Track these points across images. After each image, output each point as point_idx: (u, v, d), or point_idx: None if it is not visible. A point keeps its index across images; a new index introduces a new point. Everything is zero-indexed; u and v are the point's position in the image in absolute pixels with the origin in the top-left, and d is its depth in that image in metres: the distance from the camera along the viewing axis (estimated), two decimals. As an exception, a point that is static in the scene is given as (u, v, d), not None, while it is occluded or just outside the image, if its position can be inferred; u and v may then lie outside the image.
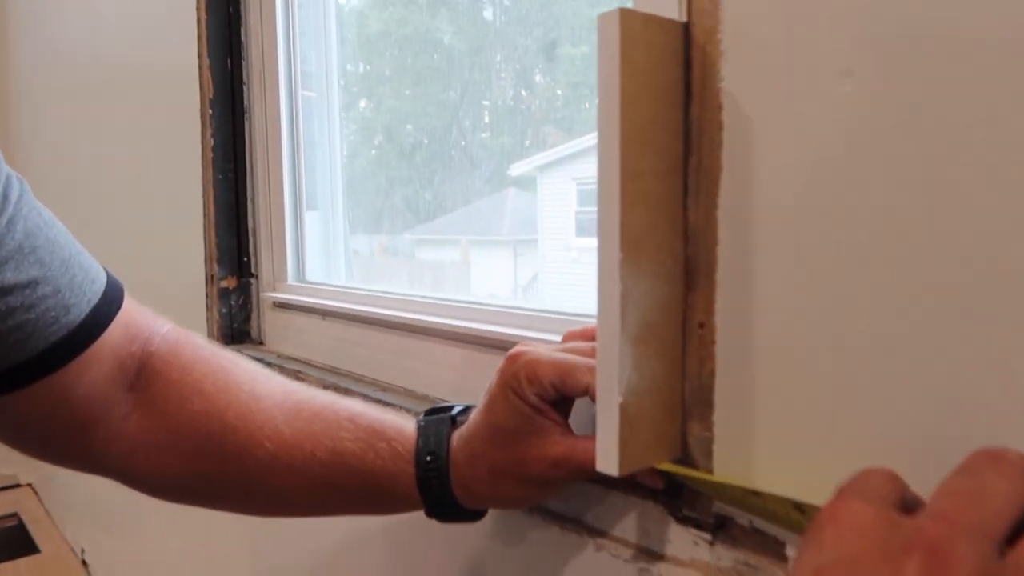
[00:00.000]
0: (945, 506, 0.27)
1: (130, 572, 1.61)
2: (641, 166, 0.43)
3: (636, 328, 0.44)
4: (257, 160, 1.08)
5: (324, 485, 0.56)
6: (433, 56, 1.00)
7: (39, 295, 0.50)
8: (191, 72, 1.09)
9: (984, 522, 0.26)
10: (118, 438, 0.57)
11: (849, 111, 0.39)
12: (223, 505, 0.62)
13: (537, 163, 0.88)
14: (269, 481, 0.57)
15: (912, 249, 0.37)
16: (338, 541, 0.88)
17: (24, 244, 0.50)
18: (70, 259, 0.53)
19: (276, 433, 0.56)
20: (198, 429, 0.56)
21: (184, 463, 0.57)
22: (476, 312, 0.75)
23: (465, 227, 0.99)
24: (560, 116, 0.87)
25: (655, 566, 0.52)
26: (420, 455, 0.54)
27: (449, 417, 0.56)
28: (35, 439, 0.58)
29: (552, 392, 0.49)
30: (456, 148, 0.96)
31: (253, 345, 1.09)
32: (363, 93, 1.13)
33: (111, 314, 0.55)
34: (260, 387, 0.59)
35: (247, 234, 1.09)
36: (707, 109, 0.45)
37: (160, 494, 0.61)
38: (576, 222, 0.89)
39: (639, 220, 0.43)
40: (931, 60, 0.36)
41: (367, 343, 0.88)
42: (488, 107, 0.94)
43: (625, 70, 0.41)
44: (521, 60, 0.89)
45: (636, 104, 0.42)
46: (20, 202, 0.51)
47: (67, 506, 2.05)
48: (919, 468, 0.38)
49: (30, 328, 0.50)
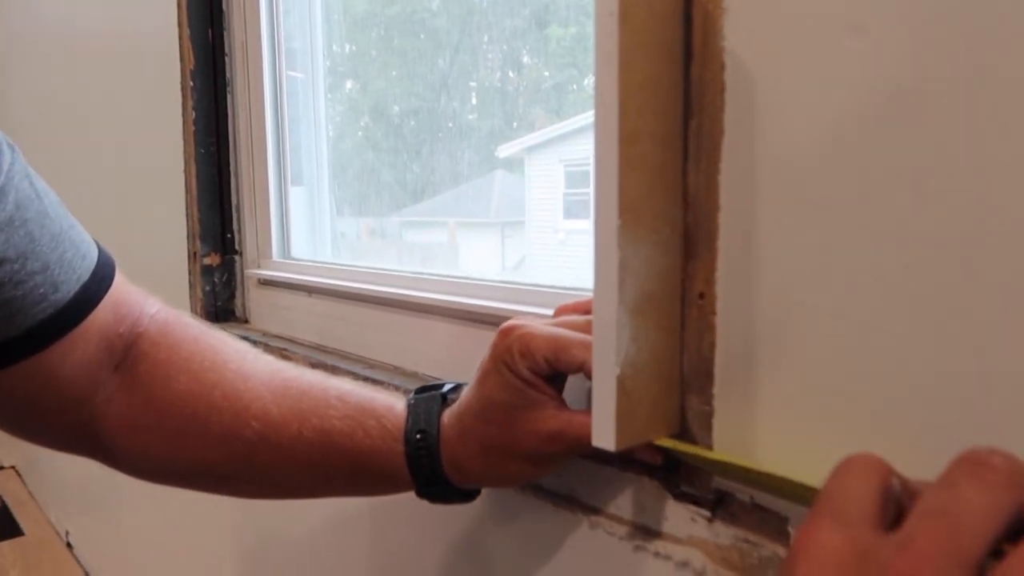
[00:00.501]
0: (917, 532, 0.25)
1: (115, 554, 1.60)
2: (640, 128, 0.41)
3: (634, 299, 0.43)
4: (240, 134, 1.05)
5: (312, 466, 0.54)
6: (419, 37, 0.98)
7: (28, 271, 0.49)
8: (171, 42, 1.06)
9: (958, 549, 0.24)
10: (103, 419, 0.56)
11: (861, 70, 0.37)
12: (210, 488, 0.60)
13: (525, 145, 0.87)
14: (257, 462, 0.55)
15: (923, 216, 0.36)
16: (325, 522, 0.87)
17: (15, 216, 0.48)
18: (61, 234, 0.51)
19: (264, 412, 0.54)
20: (183, 409, 0.55)
21: (169, 444, 0.56)
22: (465, 287, 0.73)
23: (452, 209, 0.99)
24: (548, 97, 0.86)
25: (651, 544, 0.50)
26: (410, 433, 0.52)
27: (440, 394, 0.54)
28: (19, 418, 0.57)
29: (545, 367, 0.48)
30: (443, 130, 0.95)
31: (237, 323, 1.07)
32: (349, 74, 1.11)
33: (100, 293, 0.54)
34: (248, 366, 0.57)
35: (231, 210, 1.07)
36: (709, 69, 0.43)
37: (146, 476, 0.59)
38: (564, 204, 0.89)
39: (637, 186, 0.41)
40: (953, 13, 0.34)
41: (354, 320, 0.86)
42: (475, 88, 0.93)
43: (624, 28, 0.39)
44: (508, 41, 0.88)
45: (635, 63, 0.40)
46: (12, 170, 0.49)
47: (51, 489, 2.03)
48: (922, 440, 0.37)
49: (17, 305, 0.49)
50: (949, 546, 0.25)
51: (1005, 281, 0.33)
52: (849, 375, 0.39)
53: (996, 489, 0.25)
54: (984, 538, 0.25)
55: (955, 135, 0.34)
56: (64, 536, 1.90)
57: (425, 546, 0.72)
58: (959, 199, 0.34)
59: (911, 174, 0.36)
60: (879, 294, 0.38)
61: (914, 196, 0.36)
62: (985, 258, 0.34)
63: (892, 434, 0.38)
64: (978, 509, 0.25)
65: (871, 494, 0.28)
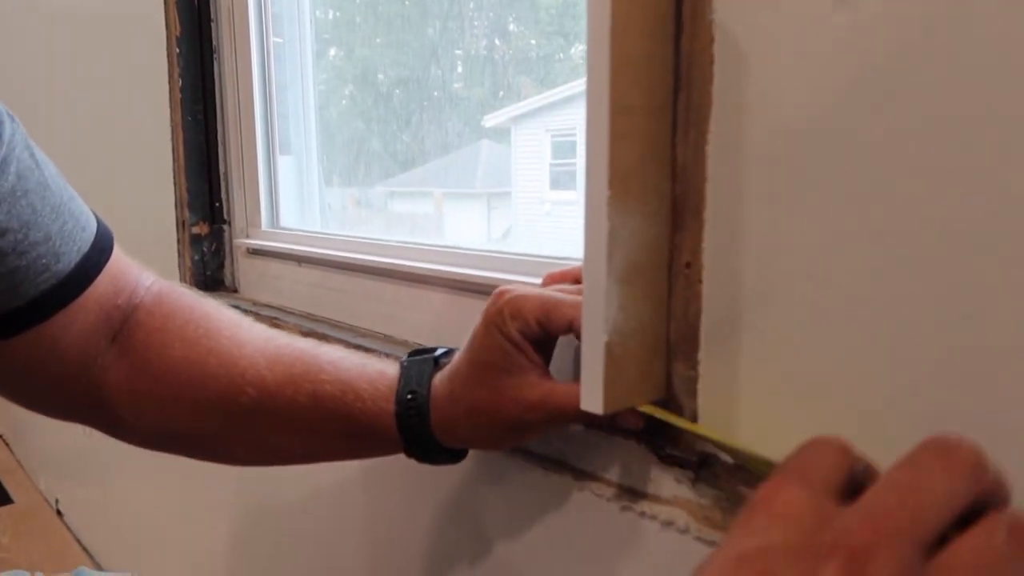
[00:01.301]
0: (876, 505, 0.26)
1: (106, 521, 1.61)
2: (631, 102, 0.42)
3: (622, 268, 0.44)
4: (228, 102, 1.05)
5: (306, 429, 0.56)
6: (404, 3, 0.97)
7: (30, 241, 0.50)
8: (157, 8, 1.05)
9: (914, 525, 0.25)
10: (101, 387, 0.57)
11: (847, 42, 0.38)
12: (208, 455, 0.62)
13: (511, 114, 0.86)
14: (253, 427, 0.56)
15: (908, 186, 0.37)
16: (317, 486, 0.88)
17: (16, 187, 0.49)
18: (61, 205, 0.52)
19: (258, 378, 0.55)
20: (179, 375, 0.56)
21: (167, 410, 0.57)
22: (454, 256, 0.74)
23: (438, 179, 0.98)
24: (535, 67, 0.85)
25: (638, 504, 0.52)
26: (401, 393, 0.53)
27: (432, 358, 0.55)
28: (21, 387, 0.58)
29: (536, 328, 0.49)
30: (429, 98, 0.95)
31: (227, 292, 1.08)
32: (333, 41, 1.10)
33: (100, 264, 0.55)
34: (243, 333, 0.58)
35: (219, 179, 1.07)
36: (698, 42, 0.44)
37: (144, 443, 0.61)
38: (550, 174, 0.89)
39: (628, 157, 0.42)
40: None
41: (344, 289, 0.87)
42: (461, 56, 0.92)
43: (616, 2, 0.40)
44: (495, 8, 0.88)
45: (627, 37, 0.41)
46: (13, 141, 0.50)
47: (40, 457, 2.03)
48: (900, 412, 0.38)
49: (21, 275, 0.50)
50: (907, 520, 0.25)
51: (997, 252, 0.35)
52: (832, 344, 0.41)
53: (959, 476, 0.26)
54: (939, 520, 0.26)
55: (938, 106, 0.35)
56: (54, 504, 1.91)
57: (417, 509, 0.73)
58: (943, 168, 0.36)
59: (895, 145, 0.37)
60: (864, 264, 0.39)
61: (898, 166, 0.37)
62: (972, 228, 0.35)
63: (870, 404, 0.40)
64: (939, 491, 0.26)
65: (837, 467, 0.29)
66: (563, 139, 0.87)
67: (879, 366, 0.39)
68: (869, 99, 0.38)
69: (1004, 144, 0.34)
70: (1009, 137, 0.33)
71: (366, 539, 0.81)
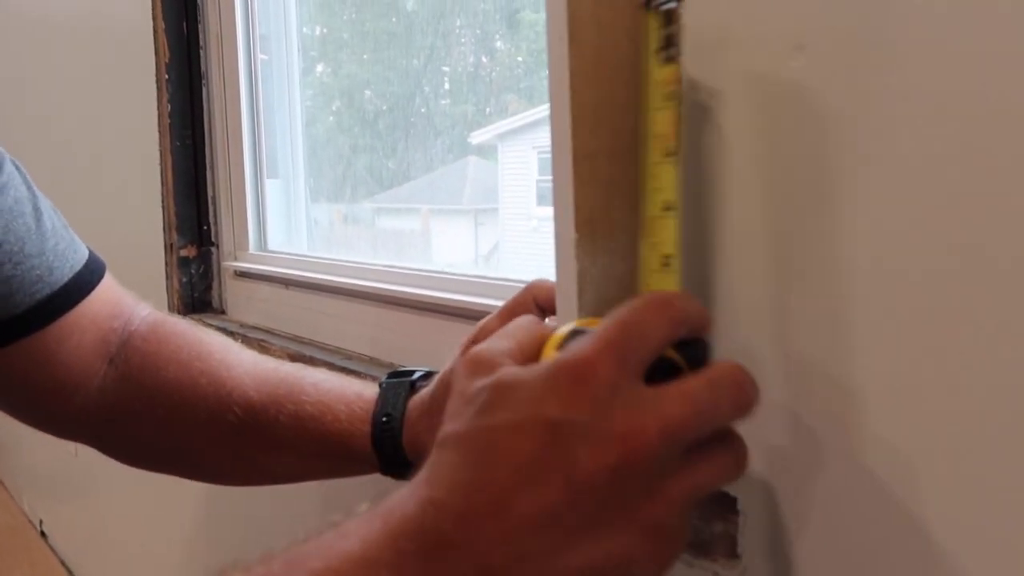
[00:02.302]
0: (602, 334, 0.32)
1: (90, 542, 1.61)
2: (594, 147, 0.43)
3: (594, 305, 0.45)
4: (216, 127, 1.06)
5: (288, 449, 0.58)
6: (392, 20, 0.98)
7: (25, 253, 0.54)
8: (146, 35, 1.07)
9: (629, 349, 0.32)
10: (96, 406, 0.59)
11: (802, 85, 0.40)
12: (198, 474, 0.64)
13: (498, 131, 0.88)
14: (240, 446, 0.59)
15: (866, 221, 0.38)
16: (298, 508, 0.89)
17: (14, 208, 0.54)
18: (53, 230, 0.56)
19: (245, 399, 0.57)
20: (171, 396, 0.58)
21: (159, 430, 0.59)
22: (438, 281, 0.75)
23: (425, 196, 0.99)
24: (521, 84, 0.86)
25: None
26: (377, 416, 0.56)
27: (409, 382, 0.57)
28: (18, 400, 0.60)
29: None
30: (416, 115, 0.96)
31: (214, 314, 1.09)
32: (320, 57, 1.11)
33: (92, 283, 0.58)
34: (232, 357, 0.60)
35: (207, 202, 1.08)
36: (665, 84, 0.45)
37: (137, 462, 0.63)
38: (537, 191, 0.90)
39: (593, 201, 0.44)
40: (882, 34, 0.36)
41: (331, 312, 0.88)
42: (448, 74, 0.93)
43: (574, 52, 0.41)
44: (482, 26, 0.89)
45: (587, 84, 0.42)
46: (12, 176, 0.55)
47: (23, 477, 2.03)
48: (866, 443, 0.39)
49: (16, 283, 0.53)
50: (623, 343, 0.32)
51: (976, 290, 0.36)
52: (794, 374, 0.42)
53: (668, 321, 0.33)
54: (650, 351, 0.33)
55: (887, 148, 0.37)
56: (38, 525, 1.90)
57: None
58: (904, 202, 0.37)
59: (849, 184, 0.38)
60: (823, 292, 0.40)
61: (856, 202, 0.38)
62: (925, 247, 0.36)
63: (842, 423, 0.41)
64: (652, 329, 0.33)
65: (656, 347, 0.33)
66: (550, 155, 0.88)
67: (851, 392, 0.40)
68: (817, 136, 0.39)
69: (963, 178, 0.35)
70: (970, 171, 0.35)
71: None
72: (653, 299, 0.35)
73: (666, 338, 0.33)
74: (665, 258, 0.38)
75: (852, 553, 0.39)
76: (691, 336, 0.35)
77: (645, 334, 0.33)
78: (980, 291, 0.34)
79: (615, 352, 0.32)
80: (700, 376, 0.33)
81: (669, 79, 0.38)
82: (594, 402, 0.31)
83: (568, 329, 0.37)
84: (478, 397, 0.33)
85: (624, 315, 0.33)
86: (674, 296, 0.36)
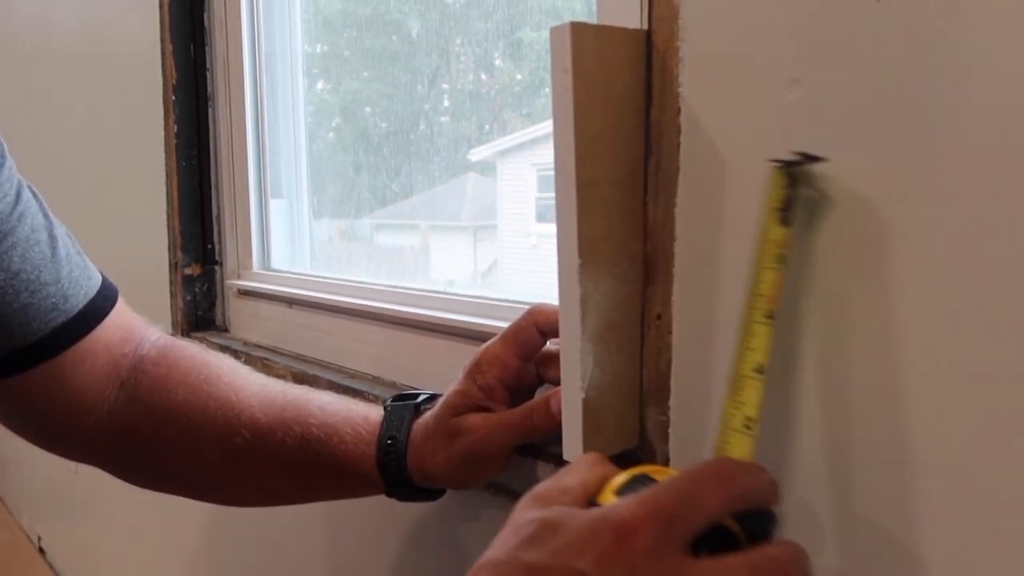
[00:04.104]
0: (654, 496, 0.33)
1: (88, 560, 1.61)
2: (597, 175, 0.45)
3: (596, 327, 0.46)
4: (221, 147, 1.07)
5: (295, 471, 0.59)
6: (392, 38, 0.99)
7: (42, 281, 0.55)
8: (153, 58, 1.08)
9: (678, 517, 0.32)
10: (106, 429, 0.60)
11: (797, 117, 0.41)
12: (207, 496, 0.65)
13: (497, 148, 0.88)
14: (247, 467, 0.60)
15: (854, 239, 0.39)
16: (296, 525, 0.89)
17: (31, 237, 0.55)
18: (68, 256, 0.57)
19: (252, 421, 0.59)
20: (180, 419, 0.60)
21: (167, 453, 0.60)
22: (441, 301, 0.76)
23: (425, 212, 1.00)
24: (520, 101, 0.87)
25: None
26: (382, 439, 0.57)
27: (413, 404, 0.59)
28: (28, 423, 0.61)
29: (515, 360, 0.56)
30: (415, 132, 0.96)
31: (218, 332, 1.09)
32: (321, 74, 1.12)
33: (106, 309, 0.59)
34: (240, 380, 0.62)
35: (211, 221, 1.09)
36: (666, 112, 0.47)
37: (144, 483, 0.64)
38: (536, 208, 0.90)
39: (596, 227, 0.45)
40: (877, 68, 0.38)
41: (333, 331, 0.89)
42: (448, 91, 0.94)
43: (578, 83, 0.43)
44: (481, 44, 0.89)
45: (590, 115, 0.44)
46: (30, 203, 0.56)
47: (22, 494, 2.03)
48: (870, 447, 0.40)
49: (32, 312, 0.54)
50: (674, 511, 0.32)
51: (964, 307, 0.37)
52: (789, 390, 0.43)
53: (726, 497, 0.33)
54: (699, 521, 0.32)
55: (883, 175, 0.38)
56: (36, 542, 1.90)
57: (401, 543, 0.75)
58: (893, 227, 0.38)
59: (844, 212, 0.40)
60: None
61: (846, 224, 0.40)
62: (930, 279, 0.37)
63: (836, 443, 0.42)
64: (708, 502, 0.33)
65: (700, 522, 0.33)
66: (548, 173, 0.87)
67: (837, 413, 0.41)
68: (819, 172, 0.40)
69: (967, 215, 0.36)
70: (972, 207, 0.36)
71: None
72: (717, 471, 0.34)
73: (720, 512, 0.33)
74: (748, 420, 0.38)
75: None
76: (755, 508, 0.34)
77: (698, 506, 0.32)
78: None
79: (663, 519, 0.31)
80: (746, 557, 0.32)
81: (782, 241, 0.39)
82: (628, 567, 0.31)
83: (631, 475, 0.37)
84: (524, 529, 0.33)
85: (683, 482, 0.33)
86: (740, 470, 0.34)
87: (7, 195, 0.54)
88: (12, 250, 0.53)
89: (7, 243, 0.53)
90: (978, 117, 0.35)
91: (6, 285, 0.53)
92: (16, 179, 0.55)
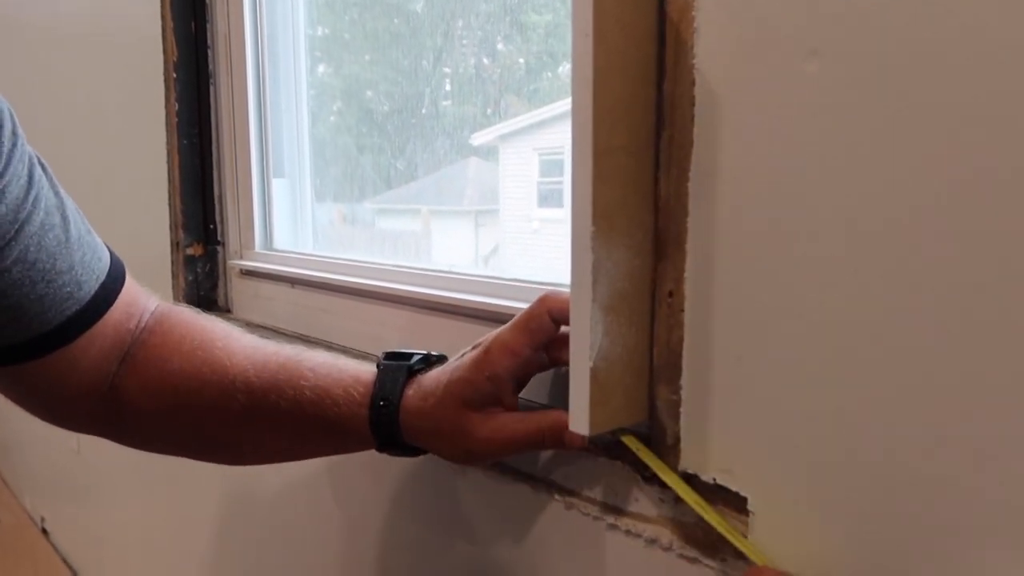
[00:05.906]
0: None
1: (92, 540, 1.61)
2: (613, 143, 0.44)
3: (607, 297, 0.46)
4: (223, 125, 1.07)
5: (291, 431, 0.61)
6: (393, 21, 0.99)
7: (57, 270, 0.54)
8: (155, 35, 1.07)
9: None
10: (110, 402, 0.61)
11: (815, 90, 0.41)
12: (206, 456, 0.67)
13: (499, 132, 0.88)
14: (244, 430, 0.61)
15: (875, 223, 0.39)
16: (306, 501, 0.89)
17: (45, 222, 0.54)
18: (80, 238, 0.57)
19: (247, 385, 0.60)
20: (176, 386, 0.61)
21: (168, 418, 0.62)
22: (444, 280, 0.76)
23: (426, 197, 0.99)
24: (522, 85, 0.86)
25: (623, 523, 0.54)
26: (375, 399, 0.58)
27: (406, 367, 0.59)
28: (45, 404, 0.63)
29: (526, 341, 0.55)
30: (417, 116, 0.96)
31: (220, 313, 1.09)
32: (323, 57, 1.12)
33: (116, 292, 0.60)
34: (234, 343, 0.63)
35: (213, 201, 1.09)
36: (680, 85, 0.46)
37: (145, 447, 0.66)
38: (538, 192, 0.90)
39: (611, 195, 0.45)
40: (896, 40, 0.38)
41: (336, 311, 0.89)
42: (449, 75, 0.93)
43: (598, 49, 0.42)
44: (483, 27, 0.89)
45: (609, 82, 0.43)
46: (41, 181, 0.55)
47: (25, 475, 2.03)
48: (874, 442, 0.40)
49: (48, 302, 0.54)
50: None
51: (960, 279, 0.37)
52: (808, 370, 0.43)
53: None
54: None
55: (901, 150, 0.38)
56: (39, 522, 1.90)
57: (404, 524, 0.75)
58: (905, 204, 0.38)
59: (861, 188, 0.40)
60: (838, 296, 0.41)
61: (864, 207, 0.40)
62: (945, 266, 0.37)
63: (846, 432, 0.42)
64: None
65: None
66: (551, 157, 0.88)
67: (853, 396, 0.41)
68: (837, 144, 0.40)
69: (976, 187, 0.36)
70: (982, 182, 0.36)
71: (350, 553, 0.83)
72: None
73: None
74: None
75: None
76: None
77: None
78: None
79: None
80: None
81: None
82: None
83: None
84: None
85: None
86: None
87: (20, 177, 0.52)
88: (29, 240, 0.52)
89: (24, 233, 0.52)
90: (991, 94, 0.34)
91: (23, 277, 0.53)
92: (28, 156, 0.54)
